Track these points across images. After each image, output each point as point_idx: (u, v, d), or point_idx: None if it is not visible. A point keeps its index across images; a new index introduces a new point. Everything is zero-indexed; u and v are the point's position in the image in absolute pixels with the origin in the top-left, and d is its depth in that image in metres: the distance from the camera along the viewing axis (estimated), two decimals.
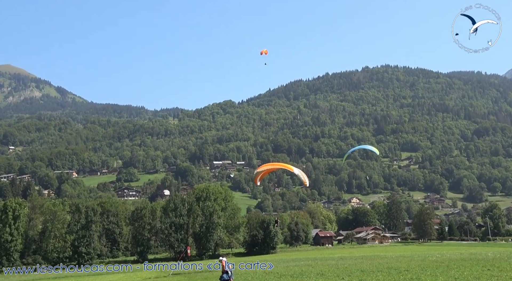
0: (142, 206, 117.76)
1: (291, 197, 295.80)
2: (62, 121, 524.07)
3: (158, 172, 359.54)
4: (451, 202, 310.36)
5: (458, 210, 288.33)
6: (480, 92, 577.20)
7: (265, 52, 63.48)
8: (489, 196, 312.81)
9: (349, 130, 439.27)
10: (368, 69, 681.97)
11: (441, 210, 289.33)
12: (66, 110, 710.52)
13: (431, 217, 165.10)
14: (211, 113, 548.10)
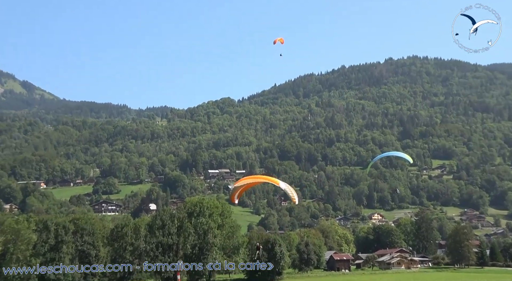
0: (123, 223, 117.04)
1: (300, 213, 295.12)
2: (28, 121, 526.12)
3: (143, 183, 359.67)
4: (493, 220, 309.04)
5: (501, 229, 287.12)
6: None
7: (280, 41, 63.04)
8: None
9: (370, 133, 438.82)
10: (392, 61, 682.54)
11: (481, 230, 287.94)
12: (33, 109, 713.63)
13: (468, 238, 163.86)
14: (206, 113, 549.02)
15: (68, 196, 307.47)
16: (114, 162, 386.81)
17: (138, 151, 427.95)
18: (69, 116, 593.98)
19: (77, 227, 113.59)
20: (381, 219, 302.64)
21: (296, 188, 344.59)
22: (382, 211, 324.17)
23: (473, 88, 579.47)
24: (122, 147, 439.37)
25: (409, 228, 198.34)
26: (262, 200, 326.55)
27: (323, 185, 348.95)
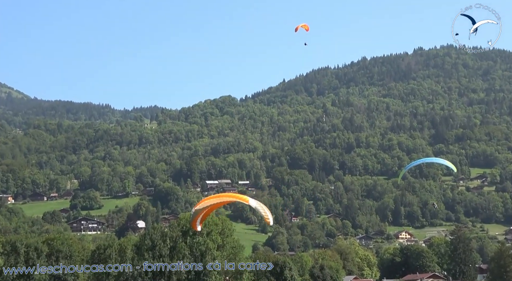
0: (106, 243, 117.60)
1: (314, 231, 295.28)
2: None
3: (130, 196, 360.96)
4: None
5: None
6: None
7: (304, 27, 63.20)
8: None
9: (396, 137, 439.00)
10: (423, 52, 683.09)
11: None
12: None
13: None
14: (203, 114, 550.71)
15: (41, 212, 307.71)
16: (95, 172, 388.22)
17: (124, 159, 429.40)
18: (42, 118, 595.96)
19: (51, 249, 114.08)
20: (410, 238, 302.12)
21: (309, 201, 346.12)
22: (410, 229, 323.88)
23: None
24: (105, 155, 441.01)
25: (443, 249, 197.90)
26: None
27: (340, 198, 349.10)
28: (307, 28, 64.82)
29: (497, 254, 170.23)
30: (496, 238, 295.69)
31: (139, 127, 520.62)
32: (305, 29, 64.17)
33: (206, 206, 47.70)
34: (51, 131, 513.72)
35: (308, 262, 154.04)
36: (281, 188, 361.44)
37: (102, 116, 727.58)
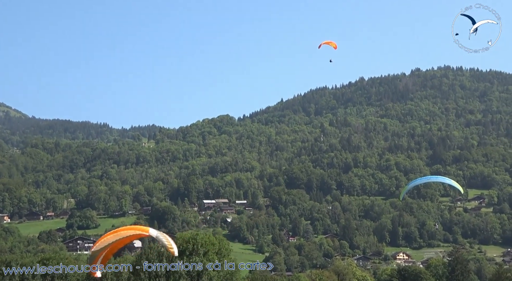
0: None
1: (311, 251, 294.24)
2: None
3: (126, 215, 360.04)
4: None
5: None
6: None
7: (332, 45, 63.12)
8: None
9: (393, 157, 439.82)
10: (420, 73, 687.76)
11: None
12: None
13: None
14: (200, 133, 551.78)
15: (37, 231, 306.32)
16: (92, 191, 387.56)
17: (121, 178, 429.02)
18: (39, 137, 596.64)
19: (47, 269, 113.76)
20: (408, 259, 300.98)
21: (307, 221, 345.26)
22: (408, 250, 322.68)
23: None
24: (102, 173, 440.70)
25: (441, 270, 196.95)
26: (266, 235, 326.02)
27: (338, 218, 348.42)
28: (335, 46, 64.98)
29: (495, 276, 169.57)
30: (494, 259, 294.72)
31: (136, 146, 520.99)
32: (333, 47, 64.28)
33: (105, 246, 41.82)
34: (48, 150, 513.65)
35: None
36: (278, 208, 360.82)
37: (100, 135, 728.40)
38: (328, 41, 65.40)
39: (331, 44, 65.00)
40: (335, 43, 64.49)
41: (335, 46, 64.98)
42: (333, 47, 65.17)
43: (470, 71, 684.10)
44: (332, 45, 65.19)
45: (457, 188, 60.16)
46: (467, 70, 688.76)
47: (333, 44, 65.04)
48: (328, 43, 65.43)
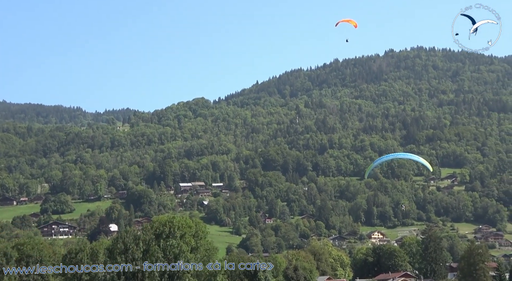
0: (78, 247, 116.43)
1: (288, 232, 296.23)
2: None
3: (102, 199, 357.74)
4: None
5: None
6: None
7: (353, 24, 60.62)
8: None
9: (368, 138, 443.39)
10: (394, 54, 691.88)
11: (498, 250, 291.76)
12: None
13: (484, 260, 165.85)
14: (176, 116, 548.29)
15: (11, 217, 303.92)
16: (67, 175, 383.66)
17: (96, 162, 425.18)
18: (11, 122, 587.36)
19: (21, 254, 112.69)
20: (382, 238, 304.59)
21: (283, 203, 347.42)
22: (383, 229, 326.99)
23: (488, 84, 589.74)
24: (76, 158, 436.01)
25: (415, 248, 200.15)
26: (243, 217, 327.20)
27: (314, 199, 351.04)
28: (355, 24, 63.05)
29: (466, 253, 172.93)
30: (465, 236, 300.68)
31: (111, 129, 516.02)
32: (353, 25, 62.37)
33: None
34: (20, 134, 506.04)
35: (282, 263, 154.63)
36: (255, 190, 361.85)
37: (73, 119, 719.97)
38: (348, 19, 63.92)
39: (351, 22, 63.42)
40: (355, 21, 62.83)
41: (356, 24, 63.41)
42: (353, 26, 63.63)
43: (442, 52, 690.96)
44: (352, 23, 63.63)
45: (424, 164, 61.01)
46: (440, 50, 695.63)
47: (353, 22, 63.46)
48: (348, 21, 63.84)
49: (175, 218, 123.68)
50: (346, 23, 63.64)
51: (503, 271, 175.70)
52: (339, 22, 63.00)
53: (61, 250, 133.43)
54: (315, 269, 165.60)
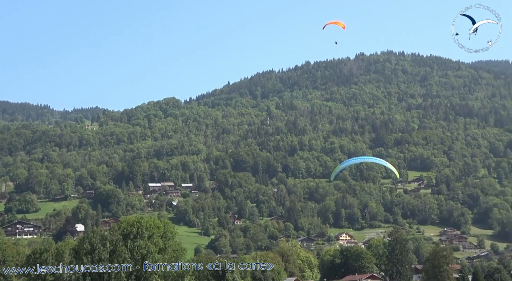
0: (42, 247, 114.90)
1: (257, 233, 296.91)
2: None
3: (68, 199, 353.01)
4: (476, 240, 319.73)
5: (486, 252, 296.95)
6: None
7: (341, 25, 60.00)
8: None
9: (337, 140, 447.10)
10: (364, 57, 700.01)
11: (462, 252, 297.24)
12: None
13: (448, 262, 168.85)
14: (146, 116, 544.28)
15: None
16: (32, 174, 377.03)
17: (63, 161, 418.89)
18: None
19: None
20: (350, 240, 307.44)
21: (252, 204, 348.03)
22: (351, 231, 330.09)
23: (455, 89, 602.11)
24: (43, 156, 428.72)
25: (382, 250, 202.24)
26: (212, 218, 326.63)
27: (283, 200, 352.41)
28: (343, 26, 62.61)
29: (431, 255, 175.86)
30: (431, 239, 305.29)
31: (79, 128, 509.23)
32: (341, 26, 61.94)
33: None
34: None
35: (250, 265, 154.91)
36: (224, 191, 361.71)
37: (41, 117, 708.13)
38: (336, 21, 63.68)
39: (338, 24, 63.20)
40: (343, 23, 62.60)
41: (344, 26, 63.08)
42: (341, 27, 63.26)
43: (411, 56, 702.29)
44: (340, 25, 63.34)
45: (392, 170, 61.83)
46: (409, 55, 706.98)
47: (341, 24, 63.19)
48: (336, 23, 63.59)
49: (143, 218, 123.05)
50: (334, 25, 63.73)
51: (466, 273, 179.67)
52: (326, 24, 62.99)
53: (25, 250, 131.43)
54: (283, 270, 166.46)
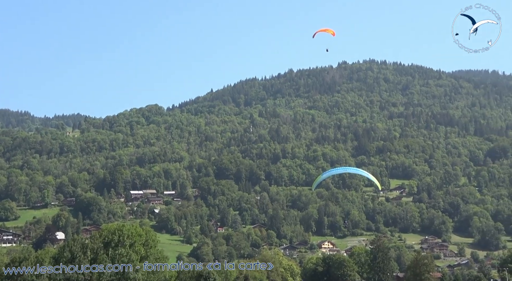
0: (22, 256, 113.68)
1: (239, 241, 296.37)
2: None
3: (49, 206, 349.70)
4: (456, 248, 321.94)
5: (466, 260, 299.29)
6: (496, 99, 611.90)
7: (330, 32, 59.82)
8: (508, 241, 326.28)
9: (320, 148, 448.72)
10: (347, 65, 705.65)
11: (443, 260, 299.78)
12: None
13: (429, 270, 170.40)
14: (128, 123, 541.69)
15: None
16: (12, 181, 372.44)
17: (43, 168, 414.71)
18: None
19: None
20: (332, 248, 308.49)
21: (235, 212, 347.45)
22: (333, 239, 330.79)
23: (436, 98, 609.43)
24: (23, 163, 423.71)
25: (364, 258, 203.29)
26: (194, 226, 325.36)
27: (266, 208, 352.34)
28: (333, 33, 62.54)
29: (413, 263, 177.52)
30: (412, 247, 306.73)
31: (60, 135, 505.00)
32: (331, 33, 61.84)
33: None
34: None
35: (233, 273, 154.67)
36: (207, 198, 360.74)
37: (21, 124, 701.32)
38: (325, 29, 63.70)
39: (328, 31, 63.23)
40: (332, 30, 62.61)
41: (333, 33, 63.08)
42: (331, 34, 63.21)
43: (393, 65, 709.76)
44: (330, 32, 63.33)
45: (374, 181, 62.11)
46: (391, 63, 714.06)
47: (330, 31, 63.16)
48: (325, 30, 63.65)
49: (124, 226, 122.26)
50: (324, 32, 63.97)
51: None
52: (317, 32, 63.13)
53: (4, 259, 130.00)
54: (266, 278, 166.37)
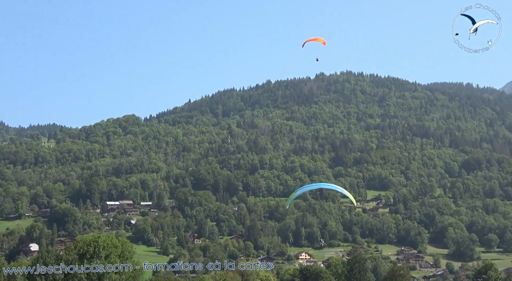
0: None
1: (216, 252, 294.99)
2: None
3: (23, 218, 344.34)
4: (432, 259, 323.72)
5: (441, 271, 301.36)
6: (470, 111, 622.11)
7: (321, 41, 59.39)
8: (482, 252, 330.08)
9: (298, 159, 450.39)
10: (324, 77, 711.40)
11: (419, 271, 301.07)
12: None
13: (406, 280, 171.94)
14: (104, 133, 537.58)
15: None
16: None
17: (17, 178, 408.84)
18: None
19: None
20: (310, 259, 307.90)
21: (212, 222, 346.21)
22: (310, 250, 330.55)
23: (412, 110, 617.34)
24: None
25: (340, 269, 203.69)
26: (171, 237, 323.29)
27: (243, 219, 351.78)
28: (323, 42, 62.48)
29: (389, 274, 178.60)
30: (389, 258, 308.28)
31: (35, 145, 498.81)
32: (321, 43, 61.86)
33: None
34: None
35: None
36: (184, 209, 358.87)
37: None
38: (315, 38, 63.80)
39: (318, 40, 63.26)
40: (323, 39, 62.71)
41: (324, 42, 63.07)
42: (321, 43, 63.37)
43: (370, 77, 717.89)
44: (320, 41, 63.32)
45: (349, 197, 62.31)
46: (368, 75, 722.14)
47: (321, 40, 63.24)
48: (315, 39, 63.68)
49: (100, 237, 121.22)
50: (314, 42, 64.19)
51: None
52: (306, 42, 63.35)
53: None
54: None
